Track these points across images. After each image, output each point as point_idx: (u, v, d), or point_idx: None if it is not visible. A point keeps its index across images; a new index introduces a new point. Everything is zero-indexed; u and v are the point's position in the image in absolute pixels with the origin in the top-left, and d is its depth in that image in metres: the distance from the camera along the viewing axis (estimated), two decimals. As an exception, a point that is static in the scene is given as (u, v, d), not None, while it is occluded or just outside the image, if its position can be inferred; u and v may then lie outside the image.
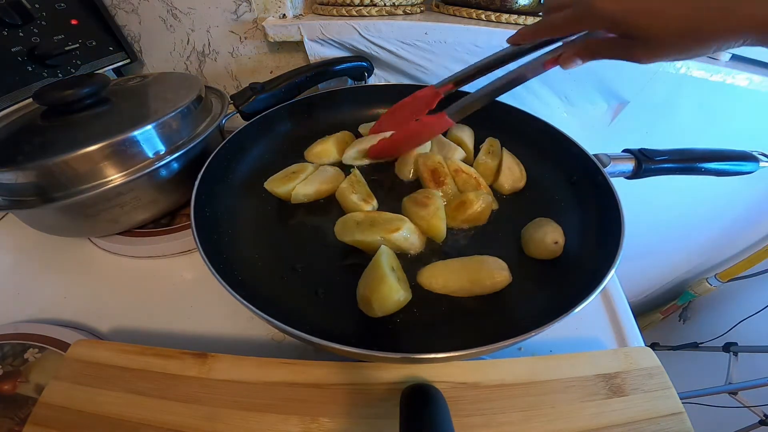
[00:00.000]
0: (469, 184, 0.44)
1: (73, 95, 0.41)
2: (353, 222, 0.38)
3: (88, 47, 0.59)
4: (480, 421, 0.30)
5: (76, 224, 0.44)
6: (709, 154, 0.45)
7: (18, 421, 0.32)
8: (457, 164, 0.46)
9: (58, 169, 0.37)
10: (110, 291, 0.44)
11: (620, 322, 0.41)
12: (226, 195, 0.43)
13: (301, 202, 0.43)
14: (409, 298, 0.33)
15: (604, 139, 0.71)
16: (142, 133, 0.40)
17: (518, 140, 0.51)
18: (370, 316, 0.32)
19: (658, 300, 1.31)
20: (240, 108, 0.52)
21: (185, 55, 0.68)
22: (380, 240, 0.36)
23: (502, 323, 0.33)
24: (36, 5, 0.52)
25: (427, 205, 0.39)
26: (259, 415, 0.30)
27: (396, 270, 0.34)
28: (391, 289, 0.31)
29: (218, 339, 0.40)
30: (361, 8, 0.57)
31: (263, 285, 0.36)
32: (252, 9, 0.60)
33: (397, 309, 0.32)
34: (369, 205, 0.41)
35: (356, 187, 0.42)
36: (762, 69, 0.59)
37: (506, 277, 0.35)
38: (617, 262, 0.32)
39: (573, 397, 0.32)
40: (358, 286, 0.34)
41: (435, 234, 0.39)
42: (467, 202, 0.41)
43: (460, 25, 0.56)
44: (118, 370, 0.32)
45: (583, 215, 0.42)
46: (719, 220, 0.95)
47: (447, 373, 0.32)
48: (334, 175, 0.46)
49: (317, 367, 0.33)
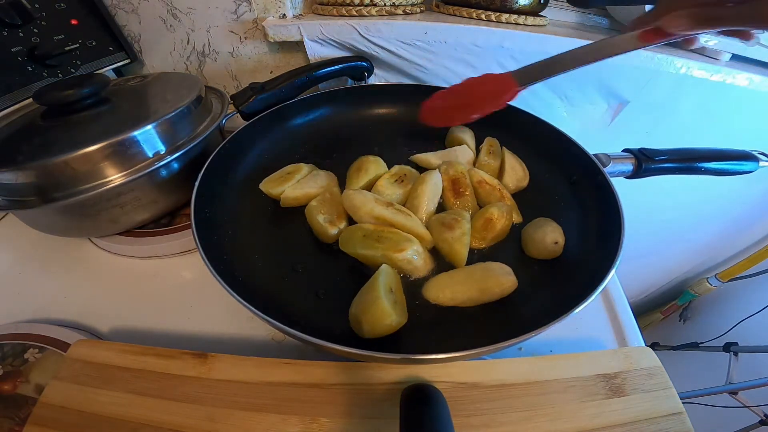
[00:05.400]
0: (493, 195, 0.43)
1: (73, 95, 0.41)
2: (360, 234, 0.36)
3: (88, 47, 0.59)
4: (480, 421, 0.30)
5: (76, 224, 0.44)
6: (709, 154, 0.45)
7: (18, 421, 0.32)
8: (480, 175, 0.45)
9: (58, 169, 0.37)
10: (110, 291, 0.44)
11: (620, 322, 0.41)
12: (226, 195, 0.43)
13: (290, 205, 0.43)
14: (403, 322, 0.31)
15: (604, 139, 0.72)
16: (142, 133, 0.40)
17: (518, 140, 0.50)
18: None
19: (659, 300, 1.31)
20: (240, 108, 0.52)
21: (185, 55, 0.68)
22: (382, 258, 0.35)
23: (503, 323, 0.33)
24: (36, 5, 0.52)
25: (453, 228, 0.37)
26: (259, 415, 0.30)
27: (395, 291, 0.32)
28: (383, 314, 0.29)
29: (218, 339, 0.40)
30: (361, 8, 0.57)
31: (263, 285, 0.36)
32: (252, 9, 0.60)
33: (389, 333, 0.30)
34: (335, 227, 0.39)
35: (326, 207, 0.40)
36: (762, 69, 0.59)
37: (513, 282, 0.34)
38: (617, 261, 0.32)
39: (573, 397, 0.32)
40: (352, 304, 0.33)
41: (456, 260, 0.37)
42: (494, 219, 0.39)
43: (460, 25, 0.56)
44: (118, 370, 0.32)
45: (583, 215, 0.42)
46: (719, 220, 0.95)
47: (447, 373, 0.32)
48: (325, 179, 0.45)
49: (317, 367, 0.33)
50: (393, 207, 0.39)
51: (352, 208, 0.39)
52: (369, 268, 0.36)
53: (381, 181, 0.43)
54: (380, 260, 0.35)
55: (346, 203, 0.39)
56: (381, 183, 0.43)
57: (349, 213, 0.39)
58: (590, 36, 0.58)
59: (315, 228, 0.40)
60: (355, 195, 0.39)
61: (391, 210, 0.38)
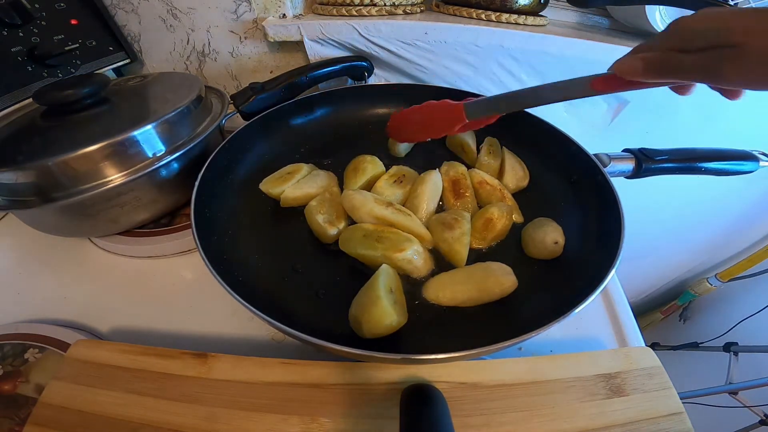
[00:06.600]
0: (494, 196, 0.43)
1: (73, 95, 0.41)
2: (360, 233, 0.36)
3: (88, 47, 0.58)
4: (480, 421, 0.30)
5: (76, 224, 0.44)
6: (709, 154, 0.45)
7: (18, 421, 0.32)
8: (481, 176, 0.45)
9: (58, 169, 0.37)
10: (110, 291, 0.44)
11: (620, 322, 0.41)
12: (226, 195, 0.43)
13: (290, 205, 0.43)
14: (403, 322, 0.31)
15: (604, 138, 0.71)
16: (142, 133, 0.40)
17: (518, 140, 0.50)
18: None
19: (659, 300, 1.31)
20: (240, 108, 0.52)
21: (185, 55, 0.68)
22: (382, 258, 0.35)
23: (503, 323, 0.33)
24: (36, 5, 0.52)
25: (453, 228, 0.37)
26: (259, 415, 0.30)
27: (395, 292, 0.33)
28: (383, 314, 0.29)
29: (218, 339, 0.40)
30: (361, 8, 0.57)
31: (263, 285, 0.36)
32: (252, 9, 0.60)
33: (389, 333, 0.30)
34: (335, 227, 0.39)
35: (325, 207, 0.40)
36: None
37: (513, 281, 0.34)
38: (617, 261, 0.32)
39: (573, 397, 0.32)
40: (352, 304, 0.33)
41: (455, 259, 0.37)
42: (494, 219, 0.39)
43: (460, 24, 0.56)
44: (118, 370, 0.32)
45: (583, 215, 0.42)
46: (719, 220, 0.95)
47: (447, 373, 0.32)
48: (325, 179, 0.45)
49: (317, 367, 0.33)
50: (393, 207, 0.39)
51: (351, 209, 0.39)
52: (369, 268, 0.36)
53: (380, 182, 0.43)
54: (380, 260, 0.35)
55: (346, 203, 0.39)
56: (380, 184, 0.43)
57: (349, 213, 0.39)
58: (590, 36, 0.58)
59: (315, 228, 0.40)
60: (354, 195, 0.39)
61: (391, 210, 0.38)
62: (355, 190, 0.40)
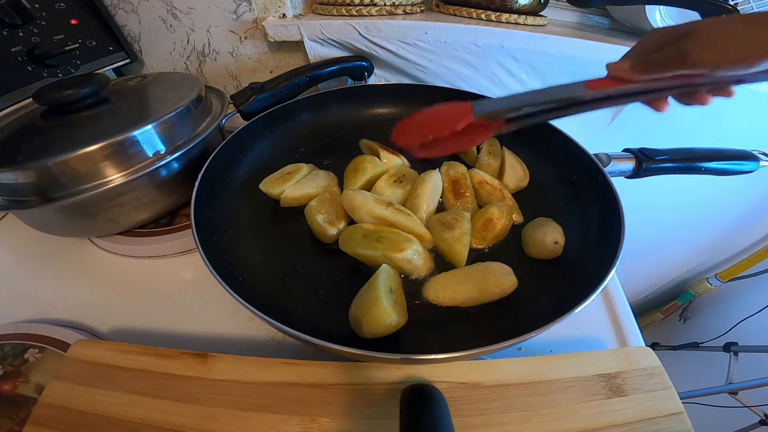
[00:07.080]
0: (494, 196, 0.43)
1: (73, 95, 0.41)
2: (360, 233, 0.36)
3: (88, 47, 0.59)
4: (480, 421, 0.30)
5: (76, 224, 0.44)
6: (710, 154, 0.45)
7: (18, 421, 0.32)
8: (481, 176, 0.45)
9: (58, 169, 0.37)
10: (110, 291, 0.44)
11: (620, 322, 0.41)
12: (226, 195, 0.43)
13: (290, 205, 0.43)
14: (403, 322, 0.31)
15: (604, 138, 0.71)
16: (142, 133, 0.40)
17: (518, 140, 0.50)
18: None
19: (659, 300, 1.31)
20: (240, 108, 0.52)
21: (185, 55, 0.68)
22: (382, 258, 0.34)
23: (502, 324, 0.33)
24: (36, 5, 0.52)
25: (453, 228, 0.37)
26: (259, 415, 0.30)
27: (395, 291, 0.32)
28: (383, 314, 0.29)
29: (218, 339, 0.40)
30: (361, 8, 0.57)
31: (263, 285, 0.36)
32: (252, 9, 0.60)
33: (389, 333, 0.30)
34: (335, 227, 0.39)
35: (325, 207, 0.40)
36: (762, 69, 0.59)
37: (513, 282, 0.34)
38: (617, 261, 0.32)
39: (573, 397, 0.32)
40: (352, 304, 0.33)
41: (455, 259, 0.37)
42: (494, 219, 0.39)
43: (460, 24, 0.56)
44: (118, 370, 0.32)
45: (583, 215, 0.42)
46: (719, 220, 0.95)
47: (447, 373, 0.32)
48: (325, 179, 0.45)
49: (317, 367, 0.33)
50: (393, 207, 0.39)
51: (351, 209, 0.39)
52: (369, 268, 0.36)
53: (380, 182, 0.43)
54: (380, 260, 0.35)
55: (346, 203, 0.39)
56: (380, 184, 0.43)
57: (349, 213, 0.39)
58: (590, 36, 0.58)
59: (315, 228, 0.40)
60: (354, 195, 0.39)
61: (391, 210, 0.38)
62: (355, 190, 0.40)
